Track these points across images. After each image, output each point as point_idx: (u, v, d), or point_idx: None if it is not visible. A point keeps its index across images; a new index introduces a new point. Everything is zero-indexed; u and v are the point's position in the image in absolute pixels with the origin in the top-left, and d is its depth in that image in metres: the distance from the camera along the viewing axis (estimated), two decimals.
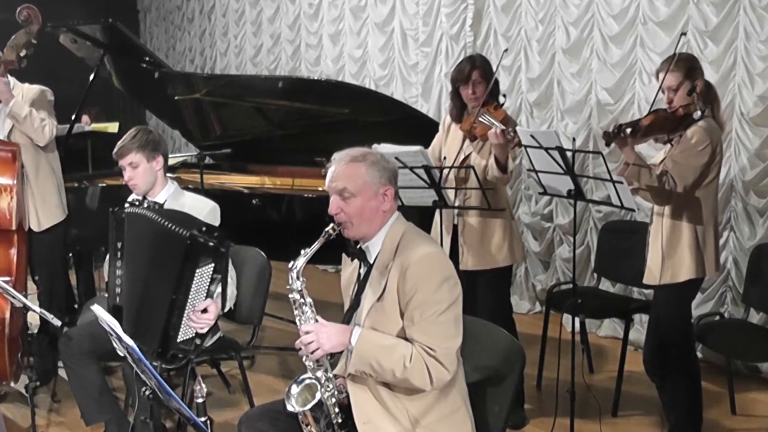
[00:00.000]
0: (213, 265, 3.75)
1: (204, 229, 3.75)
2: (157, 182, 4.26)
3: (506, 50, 5.55)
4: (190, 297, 3.76)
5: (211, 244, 3.70)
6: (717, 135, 4.10)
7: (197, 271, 3.73)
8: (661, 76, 4.11)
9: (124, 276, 4.02)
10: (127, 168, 4.21)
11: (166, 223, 3.78)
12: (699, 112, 4.05)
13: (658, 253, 4.19)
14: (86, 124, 7.36)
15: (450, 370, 2.85)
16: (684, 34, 4.39)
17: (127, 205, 4.24)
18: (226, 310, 3.96)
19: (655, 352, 4.37)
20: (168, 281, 3.76)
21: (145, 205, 4.21)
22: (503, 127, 4.37)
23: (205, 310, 3.76)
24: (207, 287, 3.79)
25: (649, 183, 4.00)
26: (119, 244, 4.04)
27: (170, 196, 4.27)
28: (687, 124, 4.06)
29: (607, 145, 4.03)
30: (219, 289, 3.81)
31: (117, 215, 4.05)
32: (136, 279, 3.94)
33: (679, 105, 4.06)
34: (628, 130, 3.96)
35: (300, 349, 2.96)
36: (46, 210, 5.22)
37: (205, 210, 4.15)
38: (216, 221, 4.13)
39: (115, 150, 4.24)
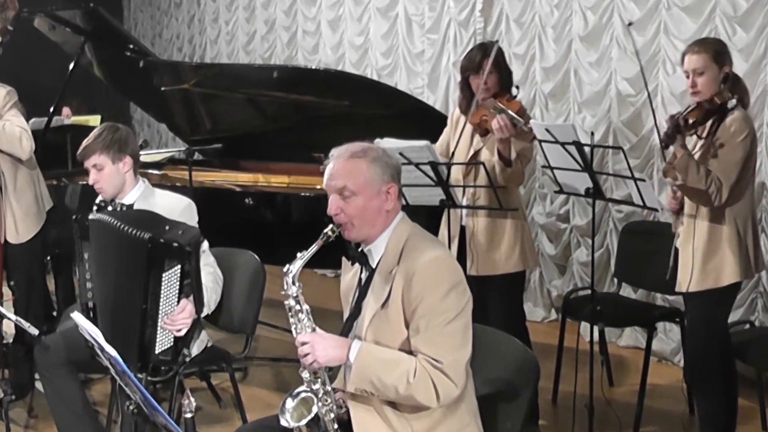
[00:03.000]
0: (180, 266, 3.76)
1: (168, 227, 3.75)
2: (126, 184, 4.25)
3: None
4: (161, 305, 3.77)
5: (174, 244, 3.70)
6: (753, 125, 4.09)
7: (164, 275, 3.74)
8: (686, 58, 4.09)
9: (94, 289, 4.02)
10: (91, 170, 4.20)
11: (127, 228, 3.77)
12: (734, 101, 4.04)
13: (692, 257, 4.14)
14: (66, 117, 7.36)
15: (458, 385, 2.84)
16: None
17: (95, 208, 4.24)
18: (202, 315, 3.97)
19: (696, 364, 4.35)
20: (137, 291, 3.77)
21: (110, 208, 4.21)
22: (519, 119, 4.37)
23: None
24: (178, 292, 3.80)
25: (696, 184, 3.96)
26: (86, 255, 4.04)
27: (140, 196, 4.27)
28: (722, 114, 4.04)
29: (666, 147, 4.00)
30: (191, 295, 3.82)
31: (81, 223, 4.04)
32: (107, 292, 3.94)
33: (711, 93, 4.04)
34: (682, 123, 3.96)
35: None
36: (26, 221, 5.21)
37: (179, 208, 4.14)
38: (192, 219, 4.13)
39: (78, 151, 4.22)
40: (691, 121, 3.99)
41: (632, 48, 5.94)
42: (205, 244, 4.12)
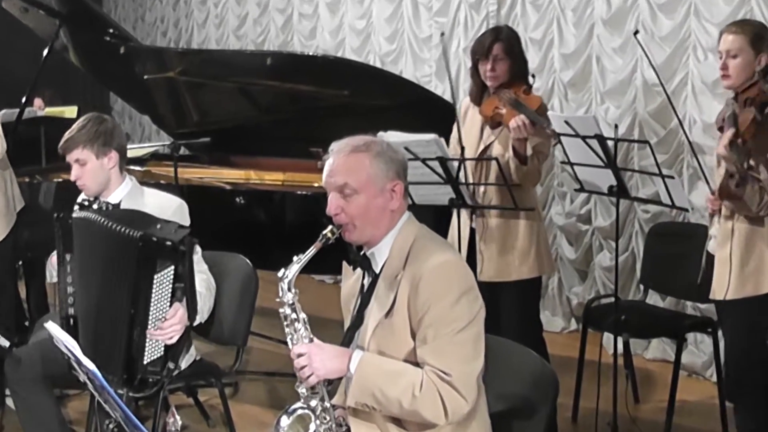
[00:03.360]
0: (173, 268, 3.77)
1: (159, 226, 3.76)
2: (111, 181, 4.25)
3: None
4: (151, 310, 3.78)
5: (168, 243, 3.71)
6: None
7: (155, 277, 3.75)
8: (722, 37, 4.03)
9: (76, 294, 4.03)
10: (74, 165, 4.20)
11: (115, 225, 3.79)
12: None
13: (729, 261, 4.08)
14: (39, 109, 7.37)
15: (468, 400, 2.84)
16: None
17: (76, 207, 4.24)
18: (195, 323, 3.97)
19: (736, 379, 4.34)
20: (124, 294, 3.78)
21: (95, 207, 4.21)
22: (540, 118, 4.36)
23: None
24: (169, 297, 3.81)
25: (750, 199, 3.91)
26: (68, 257, 4.04)
27: (127, 194, 4.27)
28: (761, 110, 3.99)
29: (740, 185, 3.90)
30: (184, 300, 3.83)
31: (63, 222, 4.04)
32: (90, 297, 3.94)
33: (742, 80, 4.00)
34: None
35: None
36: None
37: (170, 209, 4.15)
38: (184, 222, 4.13)
39: (60, 143, 4.22)
40: (748, 137, 3.91)
41: (660, 33, 5.96)
42: (199, 250, 4.13)
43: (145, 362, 3.82)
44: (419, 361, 2.87)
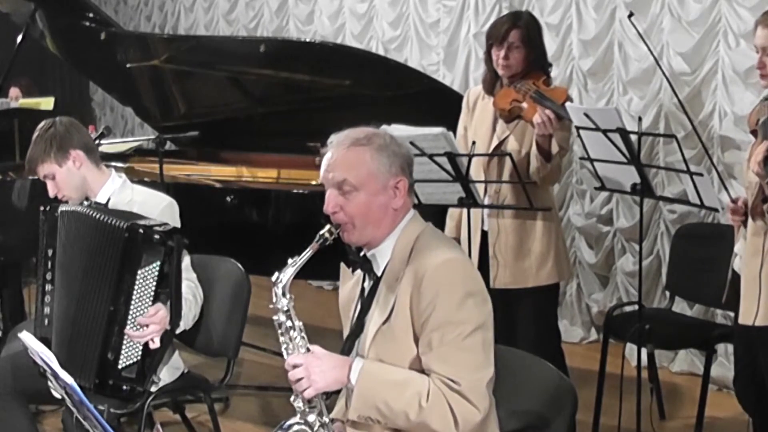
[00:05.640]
0: (159, 265, 3.81)
1: (150, 223, 3.82)
2: (89, 180, 4.27)
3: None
4: (131, 308, 3.82)
5: (156, 236, 3.78)
6: None
7: (139, 272, 3.80)
8: (758, 30, 3.93)
9: (56, 292, 4.05)
10: (47, 183, 4.26)
11: (101, 216, 3.86)
12: None
13: (759, 283, 3.90)
14: (13, 100, 7.38)
15: (480, 408, 2.83)
16: None
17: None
18: (178, 330, 3.98)
19: (753, 400, 4.32)
20: (105, 289, 3.83)
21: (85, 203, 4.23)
22: (568, 115, 4.36)
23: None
24: (152, 297, 3.85)
25: None
26: (50, 252, 4.07)
27: (115, 192, 4.29)
28: None
29: None
30: (168, 303, 3.87)
31: (49, 215, 4.09)
32: (70, 294, 3.96)
33: None
34: None
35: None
36: None
37: (159, 207, 4.18)
38: (174, 222, 4.16)
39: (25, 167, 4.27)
40: None
41: (687, 18, 5.95)
42: (187, 259, 4.14)
43: (119, 366, 3.85)
44: (425, 369, 2.87)
